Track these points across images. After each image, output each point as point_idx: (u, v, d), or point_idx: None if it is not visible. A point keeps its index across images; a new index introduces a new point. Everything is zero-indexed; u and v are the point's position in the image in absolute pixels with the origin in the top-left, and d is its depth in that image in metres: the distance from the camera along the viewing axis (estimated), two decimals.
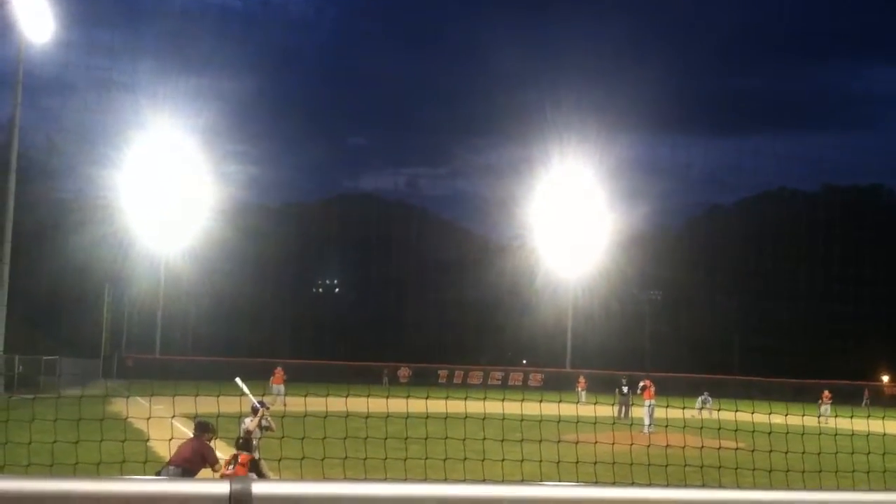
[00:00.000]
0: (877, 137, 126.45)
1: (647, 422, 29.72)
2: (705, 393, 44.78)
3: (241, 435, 14.82)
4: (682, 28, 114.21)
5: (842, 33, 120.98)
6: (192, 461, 12.78)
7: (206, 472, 12.85)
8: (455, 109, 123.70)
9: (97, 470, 9.51)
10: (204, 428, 13.47)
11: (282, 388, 36.40)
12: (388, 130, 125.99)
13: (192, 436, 13.44)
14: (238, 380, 15.81)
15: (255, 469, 14.14)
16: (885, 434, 14.48)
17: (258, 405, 15.33)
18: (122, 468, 9.68)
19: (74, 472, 9.54)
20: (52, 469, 9.70)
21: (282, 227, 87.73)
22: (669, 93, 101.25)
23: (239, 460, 14.08)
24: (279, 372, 39.43)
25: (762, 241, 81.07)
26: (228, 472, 13.72)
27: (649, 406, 30.73)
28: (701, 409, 37.49)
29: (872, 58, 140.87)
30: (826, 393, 46.06)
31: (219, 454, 13.75)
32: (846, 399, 47.80)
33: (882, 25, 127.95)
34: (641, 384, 34.57)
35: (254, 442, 14.73)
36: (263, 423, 15.10)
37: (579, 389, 49.14)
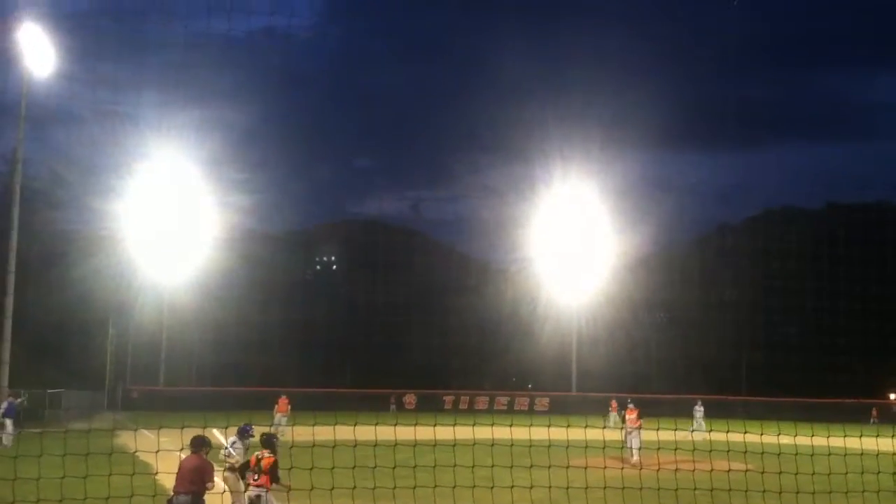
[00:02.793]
0: (883, 152, 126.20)
1: (633, 445, 29.12)
2: (699, 404, 44.96)
3: (267, 434, 14.96)
4: (686, 45, 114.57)
5: (847, 45, 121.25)
6: (196, 482, 12.71)
7: None
8: (457, 130, 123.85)
9: None
10: (200, 443, 13.45)
11: (284, 417, 36.17)
12: (390, 154, 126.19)
13: (190, 453, 13.38)
14: (215, 431, 15.96)
15: (274, 472, 14.11)
16: (894, 453, 14.41)
17: (229, 449, 15.64)
18: (130, 502, 9.65)
19: None
20: None
21: (285, 254, 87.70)
22: (674, 110, 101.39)
23: (262, 466, 14.06)
24: (283, 401, 39.22)
25: (769, 260, 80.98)
26: (254, 481, 13.83)
27: (633, 431, 29.66)
28: (702, 429, 37.47)
29: (880, 69, 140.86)
30: None
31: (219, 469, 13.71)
32: (854, 417, 47.59)
33: (890, 35, 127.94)
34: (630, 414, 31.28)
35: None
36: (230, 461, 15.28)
37: (612, 413, 47.77)
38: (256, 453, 14.28)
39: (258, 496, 13.82)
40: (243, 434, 16.67)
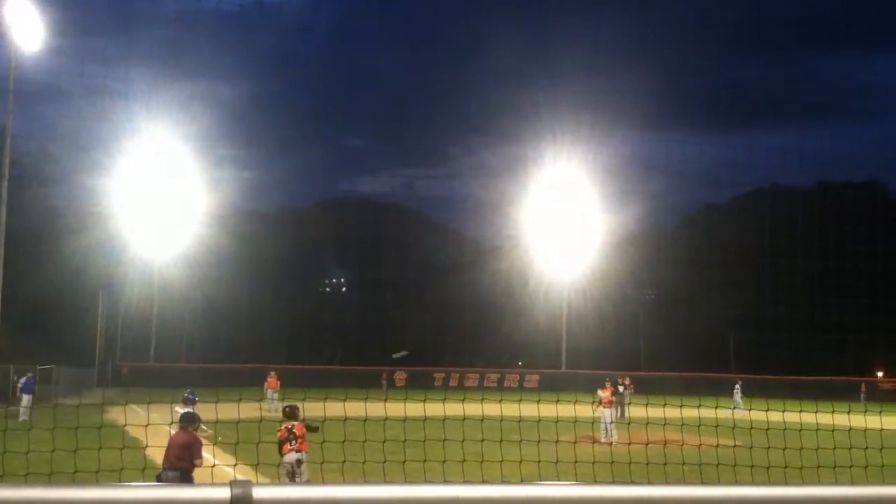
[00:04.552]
0: (872, 132, 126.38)
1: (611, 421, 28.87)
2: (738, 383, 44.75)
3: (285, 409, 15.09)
4: (675, 25, 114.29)
5: (837, 25, 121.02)
6: (184, 459, 12.73)
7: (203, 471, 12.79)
8: (449, 109, 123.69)
9: (96, 478, 9.48)
10: (189, 419, 13.50)
11: (276, 393, 36.25)
12: (382, 132, 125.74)
13: (178, 429, 13.39)
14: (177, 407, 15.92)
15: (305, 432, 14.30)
16: (881, 429, 14.52)
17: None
18: (120, 476, 9.65)
19: (73, 480, 9.51)
20: (51, 478, 9.67)
21: (276, 231, 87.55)
22: (663, 90, 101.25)
23: (296, 433, 14.24)
24: (273, 377, 39.37)
25: (756, 239, 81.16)
26: (291, 447, 14.03)
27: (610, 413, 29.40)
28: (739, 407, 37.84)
29: (868, 49, 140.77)
30: None
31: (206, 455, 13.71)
32: (842, 394, 47.85)
33: (879, 16, 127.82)
34: (604, 392, 30.56)
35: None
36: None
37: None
38: (285, 425, 14.44)
39: (299, 460, 14.07)
40: (189, 403, 16.74)
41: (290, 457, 14.09)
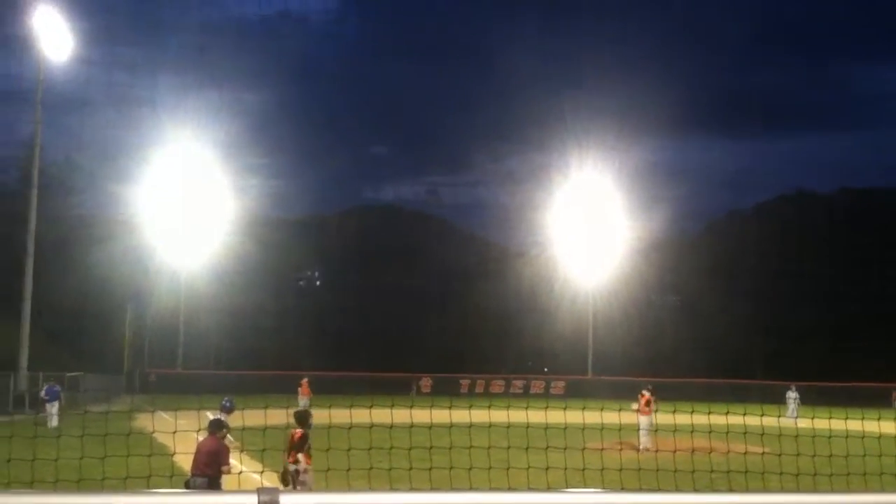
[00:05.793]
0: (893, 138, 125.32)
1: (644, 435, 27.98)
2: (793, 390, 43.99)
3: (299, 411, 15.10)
4: (700, 32, 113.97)
5: (862, 32, 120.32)
6: (211, 465, 12.78)
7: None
8: (474, 116, 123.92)
9: (124, 485, 9.53)
10: (217, 425, 13.55)
11: (307, 400, 36.40)
12: (408, 140, 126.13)
13: (207, 435, 13.43)
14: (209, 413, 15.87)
15: (303, 443, 14.15)
16: None
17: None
18: (148, 482, 9.70)
19: (102, 487, 9.57)
20: (80, 485, 9.75)
21: (302, 239, 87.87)
22: (687, 97, 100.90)
23: (294, 441, 14.19)
24: (305, 384, 39.55)
25: (781, 245, 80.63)
26: (289, 458, 13.99)
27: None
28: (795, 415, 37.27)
29: (892, 56, 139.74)
30: None
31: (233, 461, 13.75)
32: (872, 401, 47.35)
33: None
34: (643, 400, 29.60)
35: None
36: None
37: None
38: (291, 431, 14.38)
39: (297, 470, 13.97)
40: (226, 411, 16.74)
41: (289, 467, 14.09)
